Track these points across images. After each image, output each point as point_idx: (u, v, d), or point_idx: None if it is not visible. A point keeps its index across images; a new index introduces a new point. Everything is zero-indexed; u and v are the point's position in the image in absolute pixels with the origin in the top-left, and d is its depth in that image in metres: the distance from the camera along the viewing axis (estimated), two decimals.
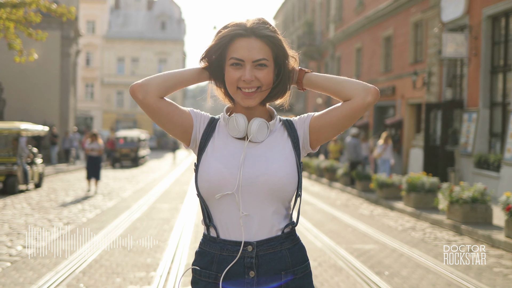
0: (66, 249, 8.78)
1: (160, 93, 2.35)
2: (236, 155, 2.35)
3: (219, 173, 2.31)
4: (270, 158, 2.35)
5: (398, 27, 25.83)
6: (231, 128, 2.38)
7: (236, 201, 2.31)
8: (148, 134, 50.62)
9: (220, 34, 2.36)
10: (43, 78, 32.33)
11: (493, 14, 17.12)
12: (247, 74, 2.30)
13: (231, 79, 2.32)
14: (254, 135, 2.35)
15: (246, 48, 2.31)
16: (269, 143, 2.39)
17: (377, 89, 2.32)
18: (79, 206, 14.38)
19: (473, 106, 17.95)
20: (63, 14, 14.37)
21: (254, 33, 2.33)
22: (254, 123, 2.35)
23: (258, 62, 2.31)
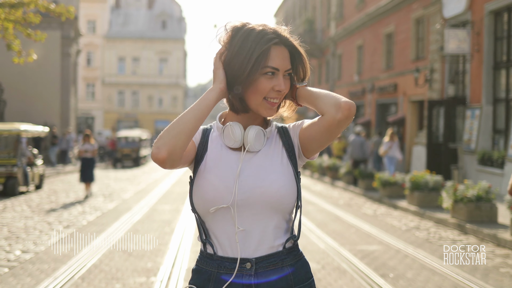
0: (66, 254, 8.65)
1: (184, 151, 2.14)
2: (232, 167, 2.21)
3: (213, 187, 2.17)
4: (267, 168, 2.21)
5: (399, 24, 25.66)
6: (226, 137, 2.24)
7: (232, 216, 2.17)
8: (149, 134, 50.52)
9: (251, 40, 2.17)
10: (44, 79, 32.24)
11: (495, 9, 16.95)
12: (282, 84, 2.19)
13: (263, 89, 2.17)
14: (252, 144, 2.21)
15: (281, 56, 2.20)
16: (266, 153, 2.26)
17: (350, 105, 2.11)
18: (80, 208, 14.25)
19: (476, 102, 17.79)
20: (61, 14, 14.23)
21: (284, 43, 2.23)
22: (251, 132, 2.21)
23: (288, 71, 2.22)
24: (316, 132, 2.20)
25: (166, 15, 70.23)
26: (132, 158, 35.00)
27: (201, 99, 2.16)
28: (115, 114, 67.00)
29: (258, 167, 2.21)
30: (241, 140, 2.21)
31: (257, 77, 2.16)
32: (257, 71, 2.15)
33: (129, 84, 68.07)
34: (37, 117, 30.25)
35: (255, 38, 2.17)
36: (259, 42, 2.16)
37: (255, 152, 2.24)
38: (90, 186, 17.31)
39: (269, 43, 2.16)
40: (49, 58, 31.53)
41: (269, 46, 2.16)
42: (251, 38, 2.17)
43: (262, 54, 2.15)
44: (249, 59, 2.15)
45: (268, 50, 2.16)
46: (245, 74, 2.15)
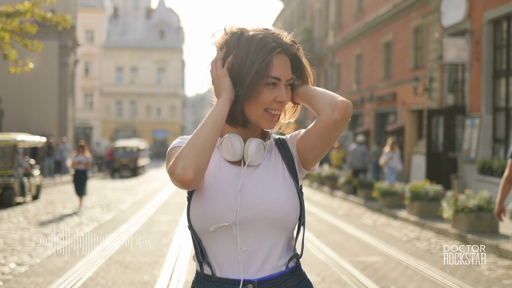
0: (61, 266, 8.51)
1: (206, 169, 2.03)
2: (232, 182, 2.08)
3: (214, 204, 2.04)
4: (268, 183, 2.08)
5: (398, 33, 25.60)
6: (225, 150, 2.10)
7: (234, 235, 2.04)
8: (147, 143, 50.42)
9: (253, 49, 2.05)
10: (41, 88, 32.16)
11: (494, 17, 16.87)
12: (284, 94, 2.07)
13: (264, 100, 2.05)
14: (252, 158, 2.08)
15: (283, 66, 2.08)
16: (266, 167, 2.13)
17: (346, 104, 2.01)
18: (77, 219, 14.11)
19: (475, 111, 17.69)
20: (58, 23, 14.12)
21: (286, 51, 2.10)
22: (251, 145, 2.09)
23: (289, 81, 2.11)
24: (313, 137, 2.09)
25: (164, 25, 70.24)
26: (130, 168, 34.96)
27: (214, 112, 2.03)
28: (113, 124, 66.90)
29: (259, 182, 2.09)
30: (241, 153, 2.09)
31: (259, 88, 2.04)
32: (259, 82, 2.03)
33: (127, 94, 68.01)
34: (34, 127, 30.16)
35: (256, 46, 2.05)
36: (260, 51, 2.04)
37: (255, 166, 2.12)
38: (82, 200, 16.76)
39: (271, 53, 2.04)
40: (46, 68, 31.47)
41: (271, 56, 2.05)
42: (252, 47, 2.05)
43: (264, 63, 2.04)
44: (251, 69, 2.03)
45: (270, 59, 2.05)
46: (245, 84, 2.03)
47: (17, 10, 13.75)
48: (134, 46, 68.50)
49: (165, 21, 70.41)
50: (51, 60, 32.13)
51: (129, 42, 68.67)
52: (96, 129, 65.73)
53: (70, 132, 36.58)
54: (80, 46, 40.29)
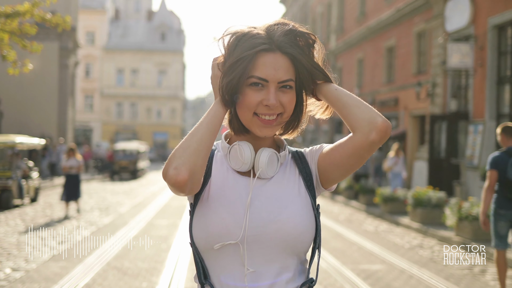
0: (57, 272, 8.32)
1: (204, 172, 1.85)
2: (241, 195, 1.88)
3: (220, 220, 1.84)
4: (282, 200, 1.88)
5: (400, 38, 25.44)
6: (233, 159, 1.91)
7: (240, 254, 1.84)
8: (147, 146, 50.26)
9: (240, 46, 1.86)
10: (41, 90, 32.02)
11: (499, 23, 16.70)
12: (272, 97, 1.83)
13: (249, 103, 1.84)
14: (264, 169, 1.89)
15: (271, 65, 1.85)
16: (279, 181, 1.93)
17: (387, 125, 1.83)
18: (75, 223, 13.93)
19: (479, 117, 17.51)
20: (58, 24, 13.95)
21: (279, 47, 1.87)
22: (263, 155, 1.89)
23: (283, 83, 1.86)
24: (342, 155, 1.88)
25: (165, 28, 70.13)
26: (130, 171, 34.84)
27: (210, 113, 1.86)
28: (114, 126, 66.75)
29: (271, 197, 1.89)
30: (251, 162, 1.89)
31: (245, 90, 1.85)
32: (241, 82, 1.84)
33: (127, 96, 67.88)
34: (34, 128, 29.99)
35: (243, 44, 1.86)
36: (245, 48, 1.85)
37: (267, 180, 1.92)
38: (78, 203, 16.10)
39: (253, 49, 1.84)
40: (46, 70, 31.33)
41: (253, 53, 1.84)
42: (239, 45, 1.87)
43: (246, 62, 1.84)
44: (235, 69, 1.84)
45: (252, 57, 1.84)
46: (232, 85, 1.85)
47: (16, 11, 13.59)
48: (135, 48, 68.38)
49: (166, 24, 70.30)
50: (51, 61, 31.98)
51: (130, 44, 68.55)
52: (96, 131, 65.56)
53: (70, 134, 36.41)
54: (80, 47, 40.13)
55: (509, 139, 7.31)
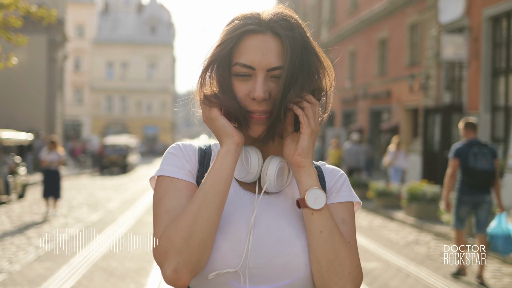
0: (42, 274, 8.00)
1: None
2: (242, 213, 1.54)
3: (215, 245, 1.49)
4: (293, 223, 1.55)
5: (393, 29, 25.18)
6: (237, 167, 1.58)
7: (239, 284, 1.50)
8: (138, 139, 49.88)
9: (225, 32, 1.56)
10: (29, 84, 31.58)
11: (494, 14, 16.45)
12: (258, 88, 1.50)
13: (237, 95, 1.53)
14: (272, 182, 1.55)
15: (259, 49, 1.51)
16: (290, 197, 1.61)
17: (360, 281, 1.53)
18: (62, 220, 13.59)
19: (473, 110, 17.27)
20: (43, 18, 13.52)
21: (271, 29, 1.54)
22: (272, 164, 1.56)
23: (275, 71, 1.52)
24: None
25: (155, 20, 69.67)
26: (120, 165, 34.66)
27: (215, 174, 1.48)
28: (104, 119, 66.26)
29: (279, 218, 1.56)
30: (257, 172, 1.56)
31: (231, 81, 1.54)
32: (225, 71, 1.53)
33: (117, 90, 67.38)
34: (22, 122, 29.57)
35: (229, 29, 1.56)
36: (228, 32, 1.55)
37: (275, 194, 1.60)
38: (57, 203, 14.81)
39: (237, 30, 1.53)
40: (34, 63, 30.93)
41: (236, 35, 1.52)
42: (225, 31, 1.57)
43: (228, 46, 1.52)
44: (218, 56, 1.54)
45: (235, 40, 1.52)
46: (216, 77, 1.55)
47: (0, 3, 13.19)
48: (124, 41, 67.85)
49: (156, 17, 69.86)
50: (39, 55, 31.54)
51: (120, 38, 68.04)
52: (86, 125, 65.05)
53: (59, 128, 35.98)
54: (69, 41, 39.67)
55: (469, 132, 8.14)
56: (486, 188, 8.02)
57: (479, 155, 7.87)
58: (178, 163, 1.61)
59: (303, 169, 1.52)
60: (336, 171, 1.69)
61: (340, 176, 1.68)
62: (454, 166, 8.06)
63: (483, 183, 7.96)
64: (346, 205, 1.62)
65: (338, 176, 1.68)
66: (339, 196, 1.63)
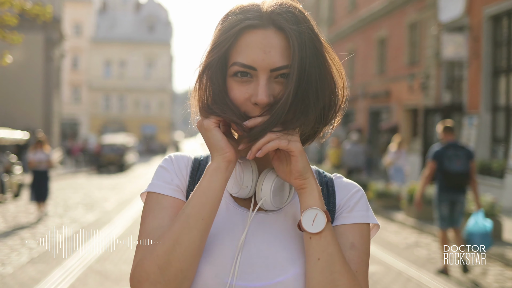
0: (34, 277, 7.81)
1: None
2: (231, 232, 1.37)
3: (196, 272, 1.31)
4: (290, 248, 1.37)
5: (392, 28, 25.00)
6: (230, 180, 1.41)
7: None
8: (136, 138, 49.70)
9: (221, 31, 1.36)
10: (26, 82, 31.41)
11: (495, 14, 16.27)
12: (261, 92, 1.31)
13: (233, 99, 1.34)
14: (268, 199, 1.36)
15: (260, 46, 1.32)
16: (291, 216, 1.42)
17: None
18: (57, 220, 13.39)
19: (473, 109, 17.10)
20: (37, 15, 13.30)
21: (273, 22, 1.34)
22: (268, 179, 1.37)
23: (278, 71, 1.33)
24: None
25: (153, 19, 69.49)
26: (116, 164, 34.57)
27: (200, 194, 1.31)
28: (101, 118, 66.01)
29: (274, 240, 1.37)
30: (251, 187, 1.38)
31: (229, 83, 1.35)
32: (221, 76, 1.34)
33: (115, 88, 67.14)
34: (19, 121, 29.37)
35: (225, 24, 1.36)
36: (225, 29, 1.35)
37: (273, 212, 1.42)
38: (44, 206, 14.15)
39: (235, 27, 1.33)
40: (31, 61, 30.74)
41: (234, 33, 1.32)
42: (221, 27, 1.37)
43: (225, 45, 1.33)
44: (213, 61, 1.35)
45: (233, 37, 1.33)
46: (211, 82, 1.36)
47: None
48: (122, 39, 67.62)
49: (154, 15, 69.69)
50: (36, 53, 31.33)
51: (118, 36, 67.80)
52: (84, 124, 64.78)
53: (56, 127, 35.79)
54: (67, 39, 39.48)
55: (447, 135, 8.48)
56: (461, 189, 8.48)
57: (454, 157, 8.26)
58: (166, 178, 1.44)
59: (304, 190, 1.34)
60: (351, 186, 1.49)
61: (355, 192, 1.48)
62: (431, 168, 8.52)
63: (457, 184, 8.41)
64: (359, 228, 1.42)
65: (352, 192, 1.47)
66: (350, 217, 1.43)
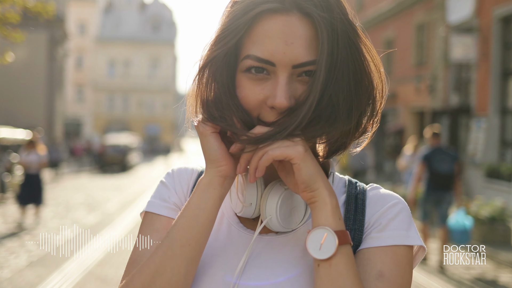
0: (32, 281, 7.58)
1: None
2: (230, 258, 1.15)
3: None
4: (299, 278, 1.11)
5: (400, 29, 24.74)
6: (233, 196, 1.18)
7: None
8: (139, 137, 49.57)
9: (232, 15, 1.09)
10: (29, 81, 31.26)
11: (505, 15, 15.99)
12: (280, 93, 1.05)
13: (245, 103, 1.08)
14: (274, 218, 1.12)
15: (281, 36, 1.05)
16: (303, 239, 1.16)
17: None
18: (58, 221, 13.16)
19: (482, 112, 16.83)
20: (39, 13, 13.04)
21: (298, 6, 1.06)
22: (273, 193, 1.13)
23: (303, 68, 1.07)
24: None
25: (158, 19, 69.42)
26: (120, 164, 34.52)
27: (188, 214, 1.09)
28: (105, 118, 65.86)
29: (279, 269, 1.13)
30: (256, 204, 1.14)
31: (239, 79, 1.09)
32: (229, 68, 1.09)
33: (119, 88, 67.00)
34: (21, 120, 29.21)
35: (237, 7, 1.09)
36: (238, 14, 1.08)
37: (284, 234, 1.17)
38: (39, 211, 13.04)
39: (250, 12, 1.05)
40: (34, 60, 30.58)
41: (248, 19, 1.06)
42: (233, 10, 1.10)
43: (237, 33, 1.06)
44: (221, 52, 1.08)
45: (247, 24, 1.06)
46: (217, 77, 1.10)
47: None
48: (127, 39, 67.51)
49: (159, 15, 69.61)
50: (39, 52, 31.14)
51: (122, 36, 67.70)
52: (87, 123, 64.61)
53: (60, 126, 35.64)
54: (71, 38, 39.33)
55: (435, 139, 9.51)
56: (447, 188, 9.38)
57: (441, 160, 9.23)
58: (164, 195, 1.26)
59: (314, 205, 1.08)
60: (388, 198, 1.21)
61: (391, 206, 1.19)
62: (421, 169, 9.44)
63: (443, 184, 9.31)
64: (392, 251, 1.14)
65: (388, 206, 1.19)
66: (380, 237, 1.15)
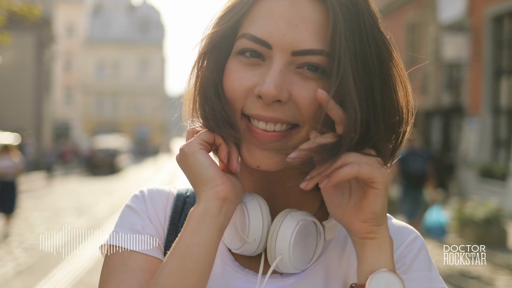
0: None
1: None
2: None
3: None
4: None
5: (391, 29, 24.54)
6: (228, 231, 0.99)
7: None
8: (129, 139, 49.35)
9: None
10: (16, 83, 31.00)
11: (497, 14, 15.89)
12: (270, 79, 0.87)
13: (231, 89, 0.91)
14: (287, 257, 0.93)
15: (284, 16, 0.90)
16: (321, 279, 0.99)
17: None
18: (47, 226, 12.94)
19: (474, 112, 16.73)
20: (24, 17, 12.71)
21: None
22: (285, 225, 0.94)
23: (305, 57, 0.90)
24: None
25: (146, 21, 69.27)
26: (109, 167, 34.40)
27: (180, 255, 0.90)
28: (95, 120, 65.53)
29: None
30: (261, 239, 0.95)
31: (230, 63, 0.93)
32: (224, 53, 0.94)
33: (108, 90, 66.73)
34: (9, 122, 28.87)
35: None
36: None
37: (293, 276, 0.98)
38: (10, 220, 12.10)
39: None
40: (22, 63, 30.30)
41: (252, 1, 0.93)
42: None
43: (237, 12, 0.93)
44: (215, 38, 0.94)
45: (250, 2, 0.93)
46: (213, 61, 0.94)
47: None
48: (115, 41, 67.25)
49: (147, 17, 69.43)
50: (26, 55, 30.86)
51: (111, 38, 67.45)
52: (77, 126, 64.21)
53: (48, 129, 35.35)
54: (59, 41, 39.04)
55: (409, 141, 9.81)
56: (419, 186, 10.21)
57: (412, 161, 9.92)
58: (136, 224, 1.07)
59: (372, 241, 0.91)
60: (405, 232, 1.06)
61: (411, 241, 1.05)
62: (397, 169, 9.80)
63: (416, 183, 10.08)
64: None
65: (408, 241, 1.05)
66: (407, 280, 0.99)
